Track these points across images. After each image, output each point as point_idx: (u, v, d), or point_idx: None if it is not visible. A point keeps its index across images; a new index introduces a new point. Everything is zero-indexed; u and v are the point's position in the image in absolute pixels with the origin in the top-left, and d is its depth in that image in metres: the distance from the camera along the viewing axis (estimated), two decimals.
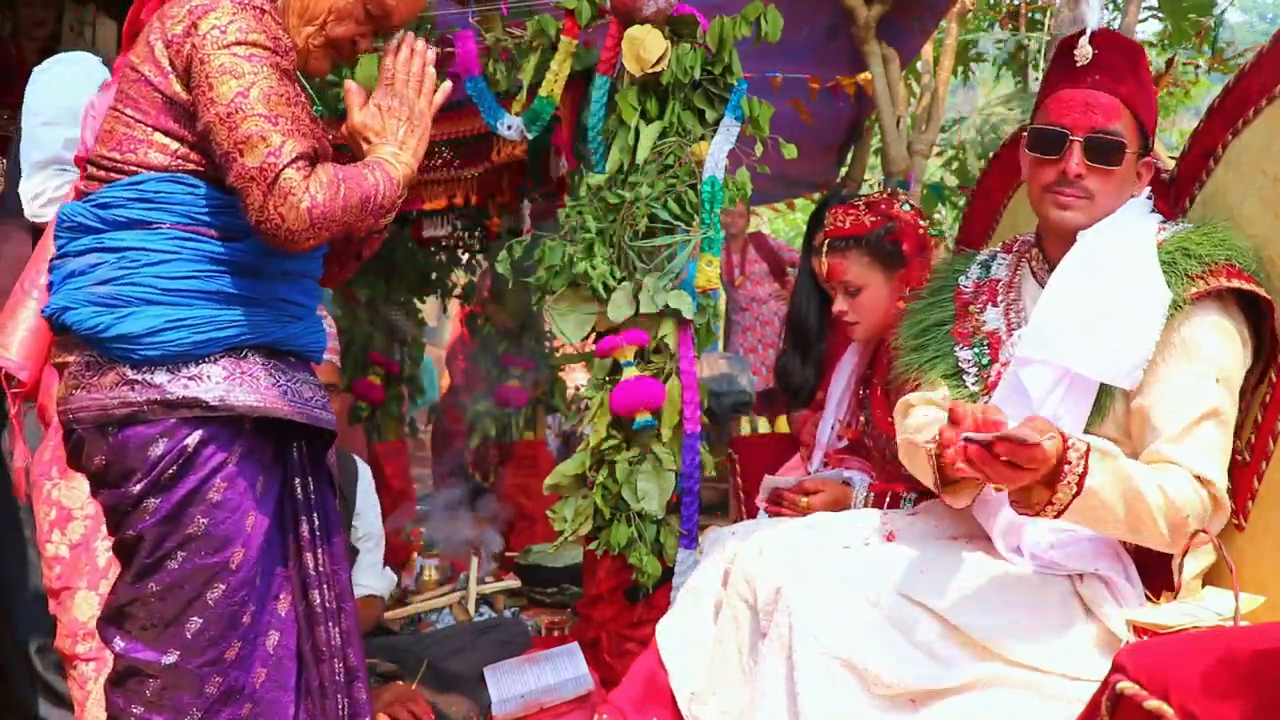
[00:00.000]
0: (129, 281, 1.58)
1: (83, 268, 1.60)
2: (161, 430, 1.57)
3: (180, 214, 1.61)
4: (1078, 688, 1.61)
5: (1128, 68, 1.76)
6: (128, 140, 1.62)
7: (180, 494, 1.58)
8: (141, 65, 1.62)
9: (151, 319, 1.57)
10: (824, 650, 1.60)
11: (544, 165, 3.50)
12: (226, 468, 1.61)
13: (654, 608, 2.57)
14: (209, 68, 1.54)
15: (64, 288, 1.61)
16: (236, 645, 1.63)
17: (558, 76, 2.80)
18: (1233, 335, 1.69)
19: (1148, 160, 1.80)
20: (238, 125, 1.53)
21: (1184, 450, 1.65)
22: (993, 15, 7.99)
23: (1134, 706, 1.20)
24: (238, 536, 1.61)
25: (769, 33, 2.60)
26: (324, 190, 1.55)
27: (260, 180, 1.52)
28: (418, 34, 1.83)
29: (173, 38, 1.58)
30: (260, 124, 1.53)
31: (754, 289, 5.32)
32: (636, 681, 2.10)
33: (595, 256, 2.62)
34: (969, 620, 1.63)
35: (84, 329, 1.57)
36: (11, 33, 3.72)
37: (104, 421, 1.57)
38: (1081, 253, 1.78)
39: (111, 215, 1.60)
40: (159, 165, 1.61)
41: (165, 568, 1.59)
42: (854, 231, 2.35)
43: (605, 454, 2.63)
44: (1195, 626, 1.60)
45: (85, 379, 1.59)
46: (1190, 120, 9.56)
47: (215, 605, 1.60)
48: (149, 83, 1.60)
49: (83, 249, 1.61)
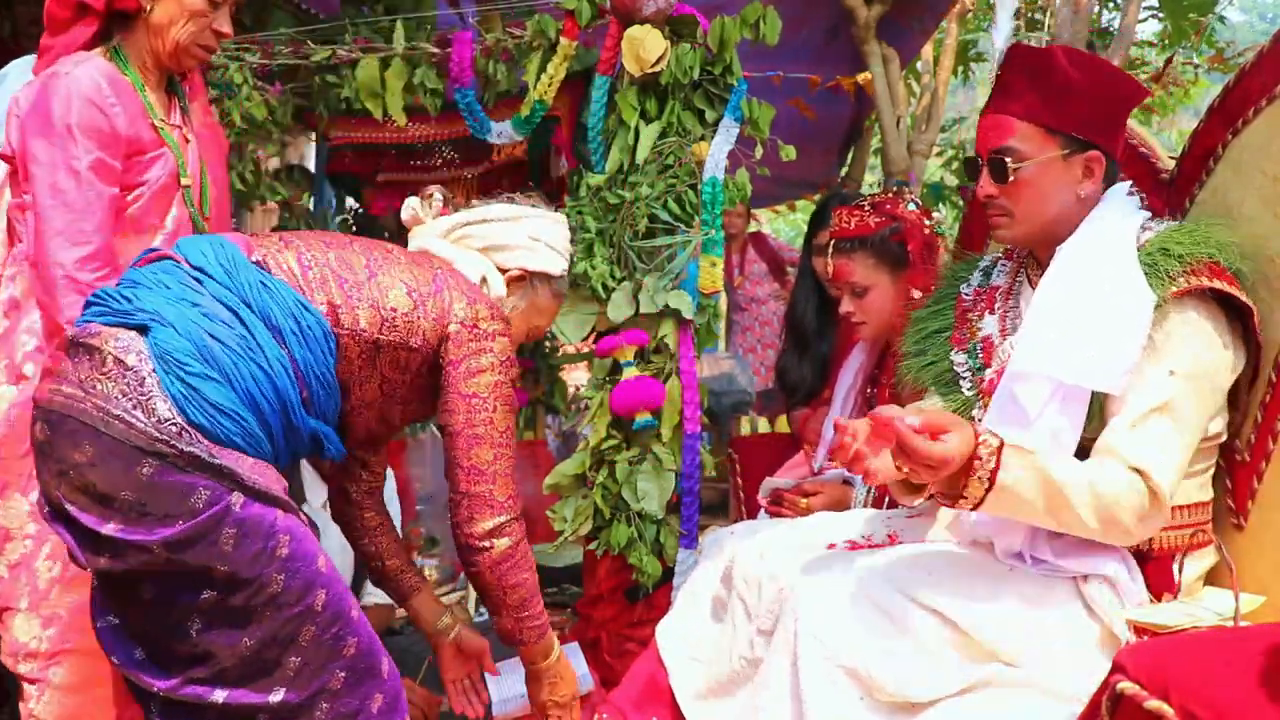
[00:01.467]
0: (233, 359, 1.62)
1: (210, 311, 1.63)
2: (204, 484, 1.56)
3: (303, 358, 1.68)
4: (1078, 689, 1.61)
5: (1028, 81, 1.78)
6: (351, 292, 1.73)
7: (248, 556, 1.58)
8: (418, 281, 1.79)
9: (224, 398, 1.60)
10: (828, 656, 1.60)
11: (544, 165, 3.50)
12: (281, 522, 1.62)
13: (654, 608, 2.57)
14: (487, 395, 1.80)
15: (177, 306, 1.62)
16: (340, 675, 1.67)
17: (552, 79, 2.80)
18: (1208, 334, 1.68)
19: (1092, 154, 1.78)
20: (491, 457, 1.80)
21: (1126, 441, 1.65)
22: (993, 15, 7.99)
23: (1134, 706, 1.20)
24: (316, 581, 1.65)
25: (767, 34, 2.60)
26: (519, 562, 1.84)
27: (498, 514, 1.81)
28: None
29: (460, 318, 1.79)
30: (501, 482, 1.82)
31: (754, 289, 5.32)
32: (636, 682, 2.10)
33: (595, 256, 2.62)
34: (971, 622, 1.63)
35: (169, 353, 1.58)
36: (11, 33, 3.72)
37: (140, 448, 1.54)
38: (1063, 262, 1.79)
39: (266, 306, 1.66)
40: (342, 329, 1.72)
41: (251, 629, 1.61)
42: (859, 232, 2.35)
43: (605, 454, 2.63)
44: (1195, 626, 1.60)
45: (133, 390, 1.56)
46: (1190, 120, 9.56)
47: (310, 645, 1.64)
48: (415, 294, 1.77)
49: (219, 299, 1.65)
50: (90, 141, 1.88)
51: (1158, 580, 1.73)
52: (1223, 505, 1.81)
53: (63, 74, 1.90)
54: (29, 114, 1.89)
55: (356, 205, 4.20)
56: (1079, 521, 1.62)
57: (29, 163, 1.88)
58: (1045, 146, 1.78)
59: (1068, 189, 1.79)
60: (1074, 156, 1.78)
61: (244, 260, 1.70)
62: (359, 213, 4.24)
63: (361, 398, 1.80)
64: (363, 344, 1.74)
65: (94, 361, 1.58)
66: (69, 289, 1.85)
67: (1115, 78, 1.85)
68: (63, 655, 1.92)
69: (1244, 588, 1.68)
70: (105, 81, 1.91)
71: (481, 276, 1.91)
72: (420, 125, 3.29)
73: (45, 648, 1.91)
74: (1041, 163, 1.78)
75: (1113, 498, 1.61)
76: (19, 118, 1.91)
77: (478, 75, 3.02)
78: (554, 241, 2.01)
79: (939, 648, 1.62)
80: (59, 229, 1.86)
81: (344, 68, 3.11)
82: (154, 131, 1.98)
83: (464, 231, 1.96)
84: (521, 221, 1.98)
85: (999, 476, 1.57)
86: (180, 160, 2.01)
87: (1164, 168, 2.04)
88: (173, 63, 2.00)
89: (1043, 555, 1.71)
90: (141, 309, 1.61)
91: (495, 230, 1.96)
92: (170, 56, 1.99)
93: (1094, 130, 1.78)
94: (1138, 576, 1.71)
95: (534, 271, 1.98)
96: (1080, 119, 1.77)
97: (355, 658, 1.68)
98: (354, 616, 1.70)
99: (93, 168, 1.88)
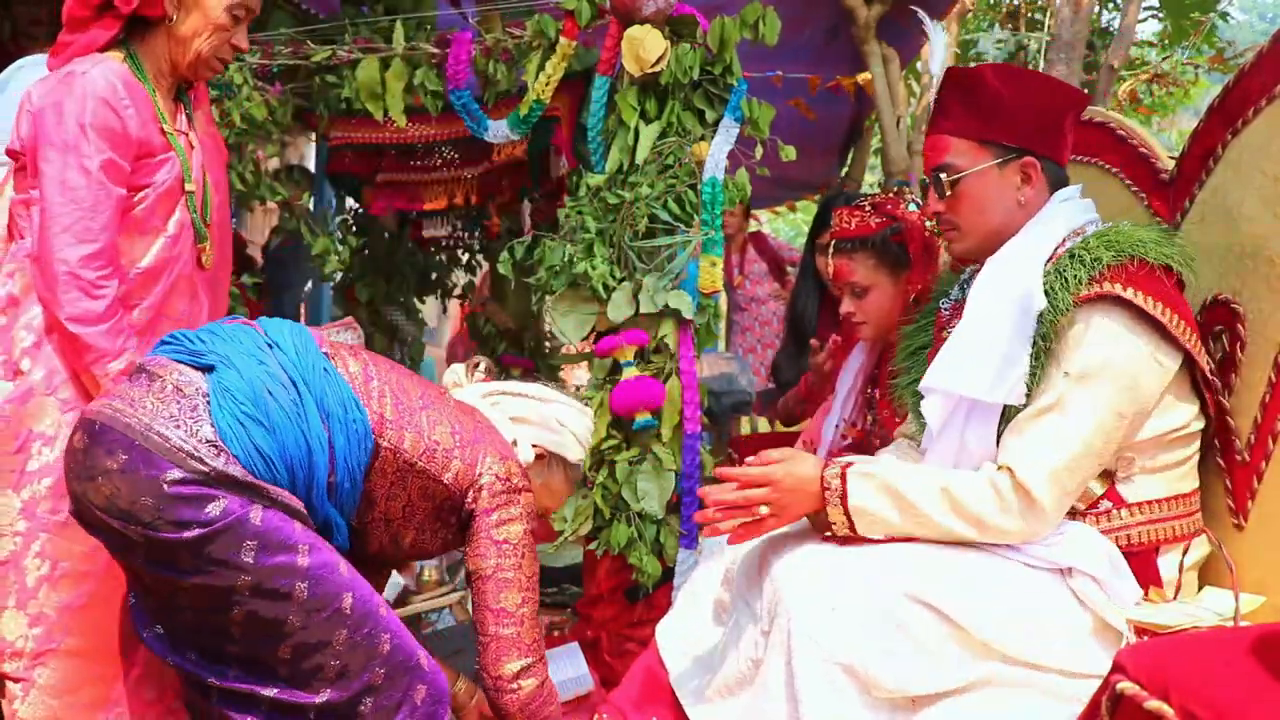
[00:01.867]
0: (285, 418, 1.72)
1: (274, 375, 1.75)
2: (224, 496, 1.65)
3: (340, 449, 1.77)
4: (1076, 686, 1.62)
5: (958, 100, 1.86)
6: (396, 418, 1.82)
7: (269, 566, 1.66)
8: (461, 425, 1.89)
9: (265, 443, 1.70)
10: (824, 655, 1.60)
11: (544, 165, 3.50)
12: (299, 534, 1.70)
13: (654, 608, 2.57)
14: (518, 542, 1.89)
15: (246, 359, 1.74)
16: (380, 671, 1.75)
17: (550, 79, 2.81)
18: (1111, 333, 1.69)
19: (1026, 160, 1.83)
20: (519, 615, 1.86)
21: (1005, 442, 1.73)
22: (993, 15, 8.00)
23: (1134, 706, 1.20)
24: (340, 586, 1.72)
25: (767, 34, 2.60)
26: (547, 698, 1.90)
27: (525, 656, 1.86)
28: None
29: (494, 471, 1.88)
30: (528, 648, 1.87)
31: (754, 289, 5.32)
32: (636, 681, 2.10)
33: (595, 256, 2.62)
34: (967, 616, 1.63)
35: (229, 391, 1.69)
36: (11, 33, 3.72)
37: (171, 461, 1.63)
38: (984, 275, 1.85)
39: (322, 393, 1.77)
40: (382, 433, 1.81)
41: (286, 637, 1.69)
42: (860, 233, 2.35)
43: (605, 454, 2.63)
44: (1195, 626, 1.60)
45: (181, 413, 1.67)
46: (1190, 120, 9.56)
47: (346, 648, 1.72)
48: (459, 436, 1.87)
49: (285, 370, 1.77)
50: (103, 141, 1.90)
51: (1142, 574, 1.74)
52: (1223, 505, 1.82)
53: (79, 73, 1.92)
54: (43, 110, 1.90)
55: (356, 205, 4.21)
56: (948, 529, 1.70)
57: (39, 159, 1.90)
58: (979, 158, 1.84)
59: (1007, 196, 1.85)
60: (1009, 164, 1.84)
61: (315, 347, 1.83)
62: (359, 213, 4.24)
63: (385, 512, 1.88)
64: (400, 463, 1.83)
65: (153, 386, 1.70)
66: (71, 285, 1.87)
67: (1047, 87, 1.92)
68: (48, 655, 1.90)
69: (1244, 588, 1.68)
70: (120, 84, 1.93)
71: (514, 439, 2.01)
72: (420, 125, 3.29)
73: (31, 647, 1.89)
74: (977, 173, 1.85)
75: (968, 500, 1.69)
76: (31, 113, 1.92)
77: (478, 75, 3.02)
78: (577, 429, 2.11)
79: (936, 643, 1.62)
80: (66, 225, 1.87)
81: (344, 68, 3.12)
82: (163, 136, 2.01)
83: (499, 398, 2.07)
84: (551, 404, 2.09)
85: (849, 502, 1.71)
86: (185, 165, 2.03)
87: (1164, 168, 2.04)
88: (190, 72, 2.04)
89: (1025, 551, 1.72)
90: (213, 351, 1.75)
91: (527, 405, 2.07)
92: (189, 66, 2.03)
93: (1026, 138, 1.84)
94: (1124, 571, 1.72)
95: (553, 453, 2.08)
96: (1010, 128, 1.83)
97: (391, 653, 1.76)
98: (383, 615, 1.77)
99: (103, 167, 1.90)
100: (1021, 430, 1.72)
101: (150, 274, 1.99)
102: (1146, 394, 1.71)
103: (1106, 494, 1.76)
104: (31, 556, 1.90)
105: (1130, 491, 1.76)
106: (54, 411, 1.92)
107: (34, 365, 1.92)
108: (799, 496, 1.74)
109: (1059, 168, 1.88)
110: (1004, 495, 1.69)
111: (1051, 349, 1.73)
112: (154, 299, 2.00)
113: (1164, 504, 1.76)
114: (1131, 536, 1.75)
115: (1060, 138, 1.87)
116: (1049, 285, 1.75)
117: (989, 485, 1.70)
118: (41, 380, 1.92)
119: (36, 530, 1.89)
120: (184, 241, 2.03)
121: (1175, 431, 1.75)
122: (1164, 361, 1.71)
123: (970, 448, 1.78)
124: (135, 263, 1.97)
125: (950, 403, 1.80)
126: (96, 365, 1.89)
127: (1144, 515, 1.75)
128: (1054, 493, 1.68)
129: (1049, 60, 4.98)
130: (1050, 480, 1.68)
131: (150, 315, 1.99)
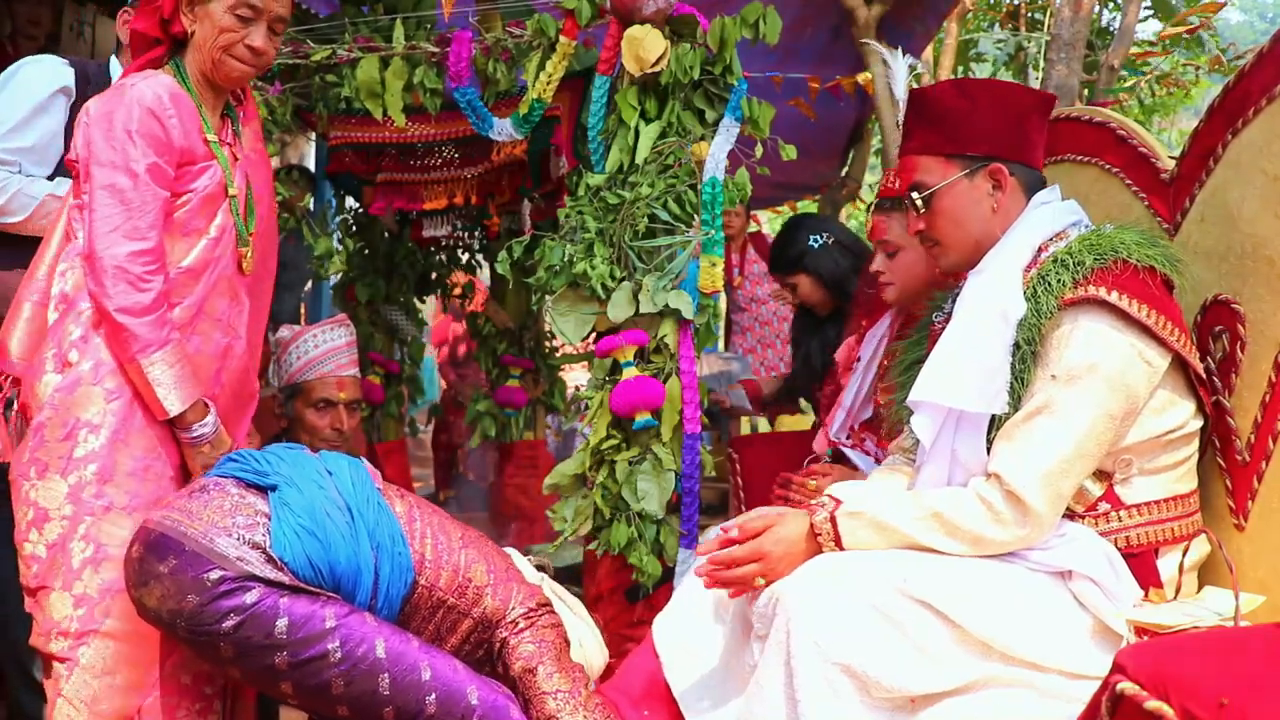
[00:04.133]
0: (340, 539, 1.93)
1: (331, 499, 1.97)
2: (258, 586, 1.86)
3: (387, 579, 1.97)
4: (1076, 686, 1.61)
5: (920, 119, 1.91)
6: (435, 558, 2.02)
7: (306, 635, 1.85)
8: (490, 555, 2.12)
9: (320, 556, 1.90)
10: (824, 656, 1.60)
11: (544, 165, 3.50)
12: (330, 605, 1.88)
13: (654, 608, 2.56)
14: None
15: (308, 482, 1.98)
16: (431, 701, 1.89)
17: (551, 78, 2.80)
18: (1096, 334, 1.70)
19: (994, 166, 1.85)
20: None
21: (995, 449, 1.74)
22: (993, 15, 8.00)
23: (1134, 707, 1.20)
24: (369, 635, 1.89)
25: (767, 34, 2.60)
26: None
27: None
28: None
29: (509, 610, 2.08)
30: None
31: (754, 289, 5.31)
32: (631, 676, 2.10)
33: (595, 256, 2.61)
34: (967, 616, 1.63)
35: (288, 507, 1.91)
36: (10, 33, 3.72)
37: (220, 564, 1.83)
38: (965, 289, 1.87)
39: (369, 525, 1.97)
40: (421, 571, 2.01)
41: (336, 696, 1.87)
42: (900, 192, 2.36)
43: (605, 454, 2.62)
44: (1195, 626, 1.60)
45: (244, 524, 1.89)
46: (1190, 120, 9.57)
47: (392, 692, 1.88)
48: (492, 572, 2.09)
49: (340, 494, 2.00)
50: (149, 147, 2.02)
51: (1142, 575, 1.74)
52: (1223, 505, 1.82)
53: (129, 86, 2.06)
54: (95, 120, 2.04)
55: (356, 205, 4.21)
56: (946, 551, 1.71)
57: (91, 163, 2.02)
58: (947, 172, 1.87)
59: (982, 205, 1.87)
60: (977, 173, 1.86)
61: (369, 480, 2.04)
62: (359, 212, 4.24)
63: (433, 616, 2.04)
64: (434, 601, 2.01)
65: (215, 497, 1.92)
66: (120, 278, 1.98)
67: (1003, 92, 1.92)
68: (90, 636, 1.98)
69: (1244, 588, 1.68)
70: (166, 95, 2.06)
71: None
72: (420, 125, 3.29)
73: (75, 627, 1.98)
74: (946, 187, 1.87)
75: (961, 520, 1.70)
76: (86, 124, 2.05)
77: (478, 74, 3.01)
78: (589, 652, 2.18)
79: (936, 644, 1.62)
80: (116, 224, 1.99)
81: (344, 67, 3.12)
82: (206, 145, 2.13)
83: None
84: (575, 622, 2.19)
85: (844, 543, 1.74)
86: (228, 174, 2.15)
87: (1164, 168, 2.04)
88: (216, 76, 2.13)
89: (1024, 554, 1.72)
90: (277, 473, 1.97)
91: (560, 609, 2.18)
92: (213, 71, 2.12)
93: (989, 145, 1.85)
94: (1124, 572, 1.72)
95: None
96: (971, 138, 1.86)
97: (435, 679, 1.90)
98: (416, 649, 1.92)
99: (149, 170, 2.02)
100: (1011, 436, 1.72)
101: (191, 273, 2.09)
102: (1135, 394, 1.70)
103: (1105, 496, 1.76)
104: (77, 539, 1.99)
105: (1128, 493, 1.76)
106: (100, 400, 2.02)
107: (82, 357, 2.02)
108: (791, 556, 1.76)
109: (1031, 170, 1.89)
110: (995, 507, 1.69)
111: (1038, 353, 1.74)
112: (195, 297, 2.10)
113: (1163, 505, 1.76)
114: (1131, 538, 1.75)
115: (1025, 140, 1.88)
116: (1033, 290, 1.75)
117: (978, 501, 1.70)
118: (89, 371, 2.02)
119: (82, 514, 1.99)
120: (225, 244, 2.15)
121: (1173, 432, 1.75)
122: (1152, 361, 1.71)
123: (962, 459, 1.78)
124: (177, 262, 2.07)
125: (939, 415, 1.80)
126: (142, 355, 1.99)
127: (1143, 517, 1.75)
128: (1046, 496, 1.68)
129: (1049, 60, 4.98)
130: (1042, 483, 1.68)
131: (192, 313, 2.09)
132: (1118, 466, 1.75)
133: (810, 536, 1.77)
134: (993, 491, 1.69)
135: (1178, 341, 1.71)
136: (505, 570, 2.09)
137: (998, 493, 1.69)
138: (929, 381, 1.80)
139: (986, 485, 1.71)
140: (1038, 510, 1.68)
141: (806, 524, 1.77)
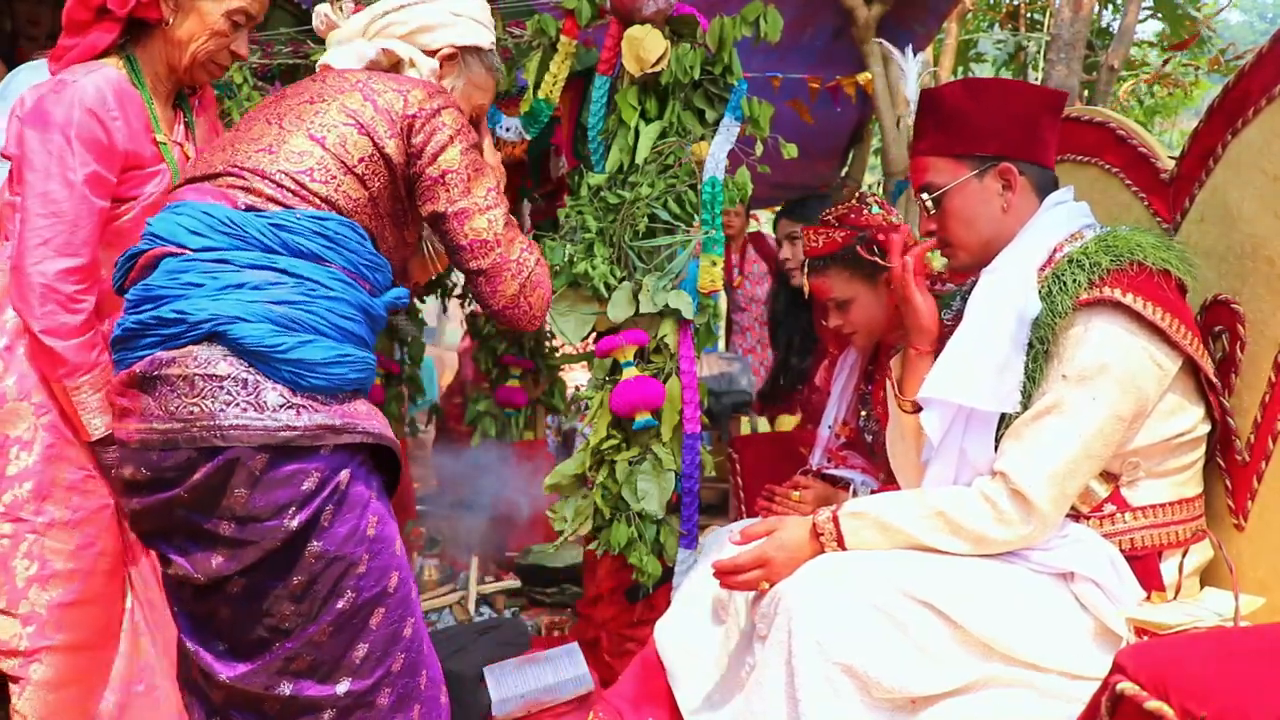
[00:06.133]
0: (307, 310, 1.61)
1: (257, 283, 1.60)
2: (315, 466, 1.59)
3: (348, 260, 1.69)
4: (1077, 687, 1.62)
5: (930, 120, 1.91)
6: (321, 171, 1.68)
7: (342, 533, 1.61)
8: (353, 111, 1.72)
9: (325, 350, 1.61)
10: (825, 656, 1.60)
11: (544, 165, 3.50)
12: (373, 503, 1.66)
13: (654, 608, 2.57)
14: (458, 166, 1.76)
15: (228, 297, 1.58)
16: (401, 657, 1.70)
17: (556, 78, 2.80)
18: (1109, 335, 1.70)
19: (1003, 166, 1.85)
20: (495, 224, 1.78)
21: (1002, 447, 1.74)
22: (993, 15, 8.00)
23: (1134, 707, 1.20)
24: (393, 563, 1.68)
25: (768, 33, 2.60)
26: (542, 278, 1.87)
27: (518, 272, 1.80)
28: None
29: (403, 113, 1.73)
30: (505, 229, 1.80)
31: (754, 289, 5.31)
32: (634, 680, 2.10)
33: (595, 256, 2.61)
34: (969, 617, 1.63)
35: (259, 345, 1.56)
36: (10, 31, 3.72)
37: (265, 444, 1.55)
38: (978, 287, 1.86)
39: (292, 241, 1.63)
40: (342, 208, 1.70)
41: (333, 608, 1.62)
42: (828, 250, 2.39)
43: (605, 454, 2.62)
44: (1195, 626, 1.60)
45: (239, 395, 1.56)
46: (1190, 120, 9.57)
47: (378, 629, 1.67)
48: (363, 127, 1.71)
49: (252, 264, 1.61)
50: (88, 154, 1.87)
51: (1145, 578, 1.74)
52: (1223, 505, 1.81)
53: (69, 82, 1.89)
54: (29, 117, 1.88)
55: None
56: (949, 549, 1.72)
57: (24, 166, 1.88)
58: (957, 172, 1.88)
59: (992, 205, 1.87)
60: (987, 173, 1.86)
61: (240, 215, 1.64)
62: None
63: (385, 240, 1.81)
64: (367, 203, 1.74)
65: (179, 389, 1.57)
66: (49, 298, 1.86)
67: (1013, 92, 1.92)
68: (42, 652, 1.95)
69: (1244, 588, 1.68)
70: (111, 94, 1.90)
71: (409, 58, 1.89)
72: None
73: (25, 645, 1.94)
74: (957, 187, 1.87)
75: (964, 519, 1.70)
76: (20, 119, 1.91)
77: None
78: (476, 14, 1.97)
79: (937, 644, 1.62)
80: (46, 238, 1.85)
81: None
82: (155, 147, 1.98)
83: (384, 22, 1.92)
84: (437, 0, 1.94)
85: (846, 543, 1.76)
86: (176, 177, 1.98)
87: (1164, 168, 2.04)
88: (186, 76, 2.02)
89: (1026, 555, 1.72)
90: (196, 320, 1.57)
91: (415, 13, 1.92)
92: (185, 71, 2.00)
93: (999, 145, 1.86)
94: (1126, 574, 1.72)
95: (463, 47, 1.95)
96: (981, 138, 1.86)
97: (412, 639, 1.72)
98: (414, 599, 1.74)
99: (87, 180, 1.87)
100: (1020, 434, 1.72)
101: None
102: (1146, 396, 1.70)
103: (1110, 497, 1.76)
104: (19, 558, 1.93)
105: (1134, 495, 1.76)
106: (29, 416, 1.95)
107: (6, 371, 1.94)
108: (794, 559, 1.77)
109: (1043, 170, 1.89)
110: (999, 506, 1.69)
111: (1050, 353, 1.74)
112: None
113: (1168, 508, 1.76)
114: (1135, 540, 1.75)
115: (1036, 139, 1.88)
116: (1047, 290, 1.75)
117: (982, 499, 1.70)
118: (14, 386, 1.94)
119: (23, 532, 1.93)
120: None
121: (1182, 436, 1.75)
122: (1163, 364, 1.71)
123: (970, 457, 1.78)
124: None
125: (949, 413, 1.80)
126: (69, 378, 1.90)
127: (1147, 519, 1.75)
128: (1051, 495, 1.68)
129: (1049, 60, 4.99)
130: (1048, 483, 1.68)
131: None
132: (1125, 469, 1.75)
133: (812, 539, 1.77)
134: (998, 490, 1.70)
135: (1190, 345, 1.71)
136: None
137: (1003, 491, 1.69)
138: (941, 378, 1.80)
139: (991, 484, 1.71)
140: (1042, 510, 1.68)
141: (808, 527, 1.78)
